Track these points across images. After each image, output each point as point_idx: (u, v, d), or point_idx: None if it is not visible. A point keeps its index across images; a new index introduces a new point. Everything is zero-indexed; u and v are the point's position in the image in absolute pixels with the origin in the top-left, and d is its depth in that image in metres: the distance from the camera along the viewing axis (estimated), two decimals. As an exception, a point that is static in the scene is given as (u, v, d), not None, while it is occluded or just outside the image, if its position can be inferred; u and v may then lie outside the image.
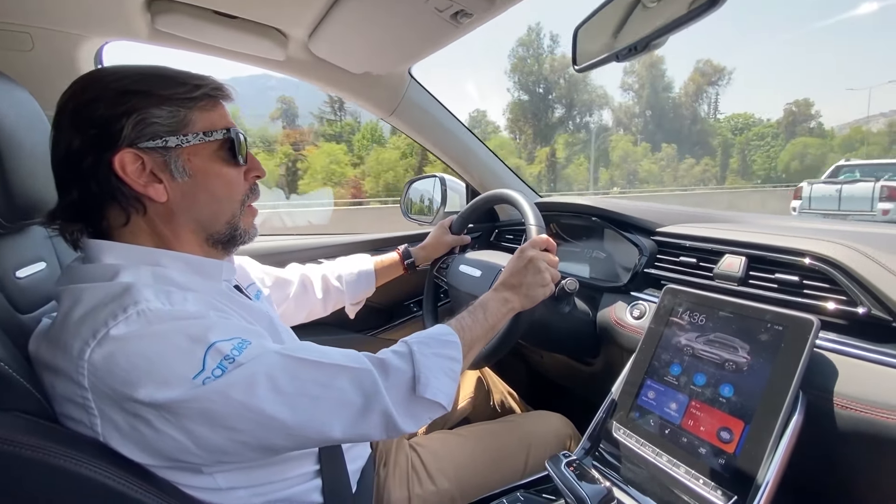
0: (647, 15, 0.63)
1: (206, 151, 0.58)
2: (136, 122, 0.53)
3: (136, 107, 0.53)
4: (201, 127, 0.57)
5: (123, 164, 0.53)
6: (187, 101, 0.56)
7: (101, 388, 0.45)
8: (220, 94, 0.60)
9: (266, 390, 0.48)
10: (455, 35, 0.93)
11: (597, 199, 1.13)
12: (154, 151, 0.54)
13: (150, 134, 0.54)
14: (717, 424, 0.60)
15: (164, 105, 0.55)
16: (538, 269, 0.76)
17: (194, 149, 0.57)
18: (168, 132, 0.55)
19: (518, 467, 0.86)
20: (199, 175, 0.58)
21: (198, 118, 0.57)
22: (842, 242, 0.67)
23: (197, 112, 0.57)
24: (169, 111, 0.55)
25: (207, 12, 0.93)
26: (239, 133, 0.61)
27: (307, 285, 0.98)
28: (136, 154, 0.54)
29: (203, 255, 0.61)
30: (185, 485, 0.51)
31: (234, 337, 0.50)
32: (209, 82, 0.59)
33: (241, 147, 0.61)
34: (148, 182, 0.55)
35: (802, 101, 47.11)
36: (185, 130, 0.56)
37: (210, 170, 0.58)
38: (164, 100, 0.55)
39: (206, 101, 0.58)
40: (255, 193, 0.66)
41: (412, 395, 0.56)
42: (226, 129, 0.59)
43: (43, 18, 0.91)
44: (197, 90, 0.57)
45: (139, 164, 0.54)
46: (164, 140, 0.55)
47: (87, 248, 0.56)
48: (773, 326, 0.61)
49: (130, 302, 0.48)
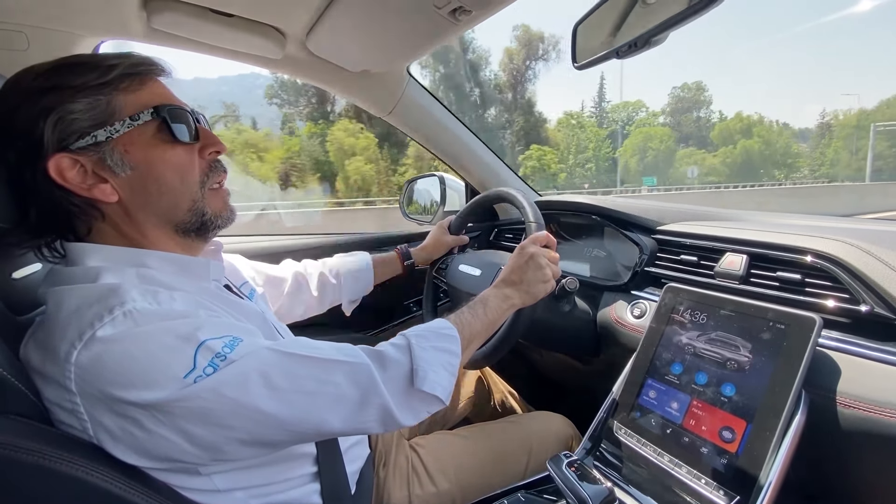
0: (647, 11, 0.62)
1: (143, 137, 0.53)
2: (54, 122, 0.49)
3: (50, 105, 0.49)
4: (129, 111, 0.52)
5: (60, 170, 0.49)
6: (103, 86, 0.51)
7: (89, 391, 0.44)
8: (146, 69, 0.54)
9: (259, 387, 0.47)
10: (453, 32, 0.92)
11: (597, 198, 1.12)
12: (87, 150, 0.50)
13: (76, 132, 0.49)
14: (719, 424, 0.59)
15: (79, 97, 0.49)
16: (539, 266, 0.75)
17: (128, 137, 0.52)
18: (93, 126, 0.50)
19: (519, 468, 0.86)
20: (142, 165, 0.53)
21: (123, 103, 0.52)
22: (844, 240, 0.66)
23: (121, 96, 0.52)
24: (87, 103, 0.50)
25: (204, 11, 0.92)
26: (177, 108, 0.54)
27: (302, 283, 0.97)
28: (71, 158, 0.50)
29: (181, 250, 0.58)
30: (182, 487, 0.51)
31: (225, 334, 0.49)
32: (127, 59, 0.53)
33: (185, 123, 0.55)
34: (93, 184, 0.51)
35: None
36: (112, 119, 0.51)
37: (152, 156, 0.53)
38: (78, 91, 0.49)
39: (128, 82, 0.52)
40: (218, 171, 0.60)
41: (410, 387, 0.56)
42: (153, 108, 0.53)
43: (38, 17, 0.91)
44: (111, 72, 0.51)
45: (79, 168, 0.50)
46: (93, 136, 0.50)
47: (69, 251, 0.54)
48: (774, 325, 0.60)
49: (117, 303, 0.46)
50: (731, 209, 1.11)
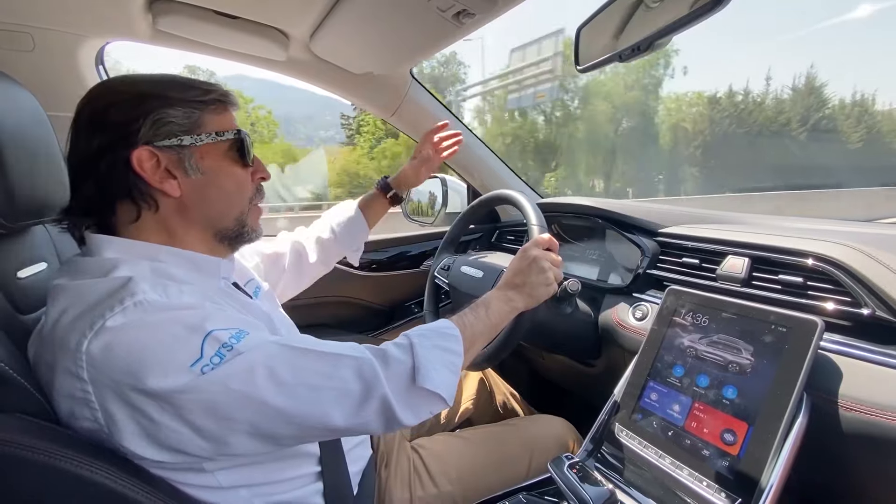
0: (650, 15, 0.63)
1: (218, 151, 0.61)
2: (153, 121, 0.57)
3: (153, 107, 0.57)
4: (213, 128, 0.61)
5: (141, 160, 0.56)
6: (199, 103, 0.60)
7: (100, 379, 0.45)
8: (228, 99, 0.64)
9: (266, 380, 0.48)
10: (457, 35, 0.93)
11: (598, 200, 1.13)
12: (169, 149, 0.57)
13: (166, 133, 0.57)
14: (721, 426, 0.60)
15: (178, 106, 0.58)
16: (541, 269, 0.76)
17: (207, 148, 0.60)
18: (182, 132, 0.58)
19: (520, 470, 0.86)
20: (210, 173, 0.61)
21: (209, 120, 0.61)
22: (845, 243, 0.66)
23: (208, 114, 0.61)
24: (183, 112, 0.59)
25: (209, 13, 0.93)
26: (247, 136, 0.65)
27: (301, 251, 0.99)
28: (152, 152, 0.56)
29: (208, 252, 0.62)
30: (186, 484, 0.51)
31: (232, 326, 0.50)
32: (218, 88, 0.63)
33: (249, 149, 0.65)
34: (163, 178, 0.58)
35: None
36: (199, 131, 0.60)
37: (221, 168, 0.62)
38: (179, 102, 0.58)
39: (216, 105, 0.62)
40: (261, 194, 0.69)
41: (412, 385, 0.56)
42: (236, 131, 0.63)
43: (44, 19, 0.91)
44: (208, 94, 0.61)
45: (155, 161, 0.57)
46: (179, 139, 0.58)
47: (90, 242, 0.57)
48: (776, 328, 0.60)
49: (127, 294, 0.48)
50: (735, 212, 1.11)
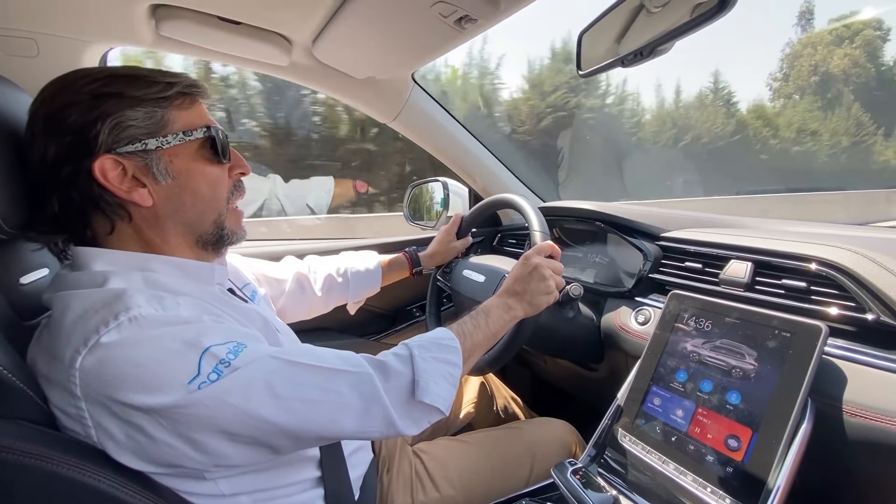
0: (651, 20, 0.63)
1: (188, 151, 0.57)
2: (111, 126, 0.52)
3: (110, 110, 0.52)
4: (180, 126, 0.56)
5: (104, 170, 0.52)
6: (161, 100, 0.55)
7: (93, 395, 0.45)
8: (196, 90, 0.59)
9: (263, 395, 0.48)
10: (459, 40, 0.93)
11: (600, 204, 1.12)
12: (134, 156, 0.53)
13: (128, 137, 0.53)
14: (725, 432, 0.59)
15: (138, 107, 0.53)
16: (543, 277, 0.75)
17: (175, 149, 0.56)
18: (146, 135, 0.54)
19: (523, 475, 0.85)
20: (182, 176, 0.57)
21: (175, 118, 0.56)
22: (849, 248, 0.66)
23: (174, 111, 0.56)
24: (145, 112, 0.54)
25: (212, 18, 0.93)
26: (220, 130, 0.60)
27: (304, 283, 0.97)
28: (115, 160, 0.52)
29: (195, 258, 0.60)
30: (187, 492, 0.51)
31: (230, 340, 0.49)
32: (183, 80, 0.57)
33: (224, 144, 0.60)
34: (131, 187, 0.54)
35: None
36: (164, 132, 0.55)
37: (194, 169, 0.57)
38: (138, 101, 0.53)
39: (181, 100, 0.57)
40: (240, 191, 0.65)
41: (411, 398, 0.56)
42: (205, 126, 0.58)
43: (48, 25, 0.92)
44: (170, 89, 0.56)
45: (120, 170, 0.53)
46: (144, 143, 0.54)
47: (75, 256, 0.55)
48: (780, 333, 0.60)
49: (122, 308, 0.47)
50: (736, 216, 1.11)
